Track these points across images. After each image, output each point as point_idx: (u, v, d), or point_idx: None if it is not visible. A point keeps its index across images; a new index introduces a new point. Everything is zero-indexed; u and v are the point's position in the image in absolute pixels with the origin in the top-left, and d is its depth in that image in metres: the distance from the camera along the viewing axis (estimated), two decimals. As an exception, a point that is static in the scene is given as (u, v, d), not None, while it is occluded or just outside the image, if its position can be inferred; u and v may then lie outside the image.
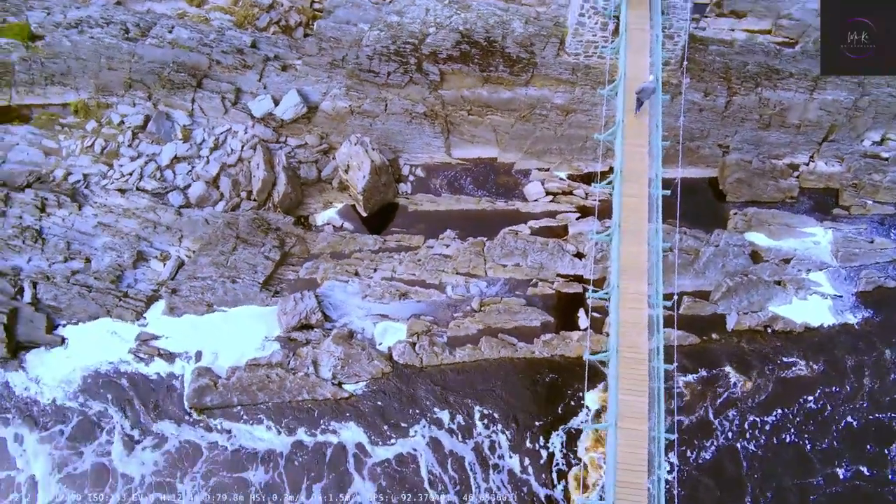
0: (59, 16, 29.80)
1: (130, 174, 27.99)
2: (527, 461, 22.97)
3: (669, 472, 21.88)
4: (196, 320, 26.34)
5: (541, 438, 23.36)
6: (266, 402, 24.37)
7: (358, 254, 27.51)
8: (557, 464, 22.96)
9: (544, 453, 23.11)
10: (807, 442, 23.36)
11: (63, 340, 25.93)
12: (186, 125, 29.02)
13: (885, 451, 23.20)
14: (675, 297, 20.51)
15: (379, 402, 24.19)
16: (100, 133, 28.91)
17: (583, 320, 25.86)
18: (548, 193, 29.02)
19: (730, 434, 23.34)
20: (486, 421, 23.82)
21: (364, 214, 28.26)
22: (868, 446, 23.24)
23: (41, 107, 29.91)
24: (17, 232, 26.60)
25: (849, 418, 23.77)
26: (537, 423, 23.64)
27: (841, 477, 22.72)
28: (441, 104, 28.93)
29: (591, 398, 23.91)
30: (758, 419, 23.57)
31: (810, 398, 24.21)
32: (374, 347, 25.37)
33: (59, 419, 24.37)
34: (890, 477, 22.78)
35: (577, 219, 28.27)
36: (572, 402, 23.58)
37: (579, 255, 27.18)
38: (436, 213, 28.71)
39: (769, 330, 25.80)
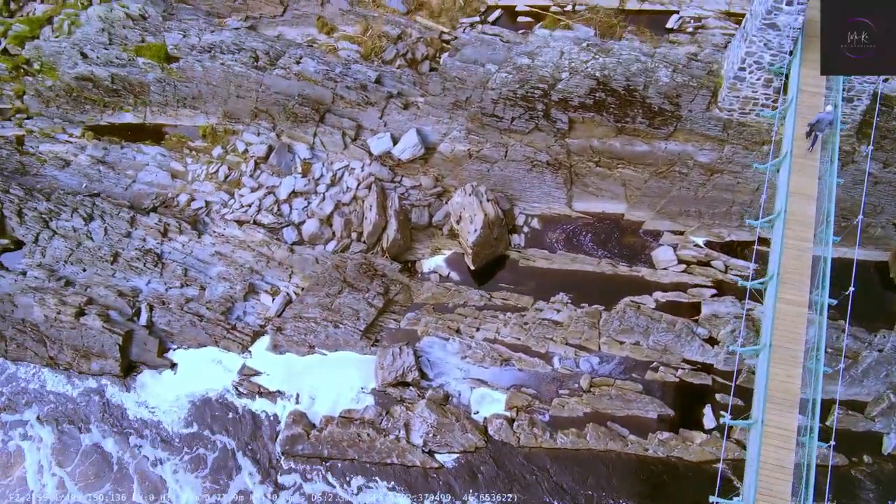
0: (195, 38, 30.46)
1: (250, 206, 28.14)
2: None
3: None
4: (296, 360, 26.12)
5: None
6: (355, 459, 23.63)
7: (461, 309, 25.98)
8: None
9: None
10: None
11: (173, 365, 26.65)
12: (306, 159, 28.73)
13: None
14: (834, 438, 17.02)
15: (498, 494, 22.41)
16: (225, 160, 29.32)
17: (708, 419, 22.80)
18: (680, 262, 25.89)
19: None
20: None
21: (472, 268, 26.63)
22: None
23: (172, 127, 30.93)
24: (139, 254, 27.55)
25: None
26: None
27: None
28: (566, 153, 26.58)
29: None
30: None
31: None
32: (469, 417, 23.82)
33: (190, 448, 24.97)
34: None
35: (713, 296, 24.98)
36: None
37: (711, 341, 23.98)
38: (549, 272, 26.52)
39: (939, 460, 21.47)
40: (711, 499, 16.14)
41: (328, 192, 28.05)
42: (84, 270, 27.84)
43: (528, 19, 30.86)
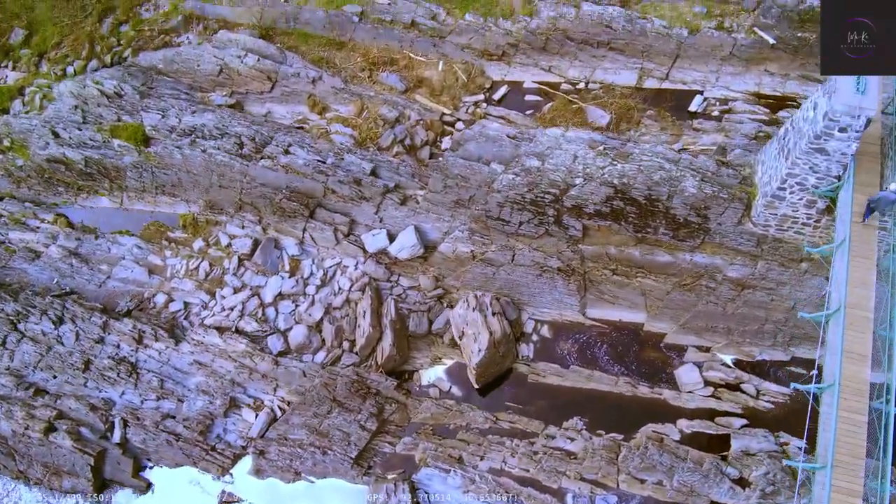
0: (174, 119, 28.06)
1: (232, 309, 25.74)
2: None
3: None
4: (281, 486, 23.79)
5: None
6: None
7: (464, 433, 23.51)
8: None
9: None
10: None
11: (149, 486, 24.50)
12: (295, 255, 26.31)
13: None
14: None
15: None
16: (206, 255, 26.93)
17: (740, 579, 20.32)
18: (707, 384, 23.35)
19: None
20: None
21: (476, 386, 24.17)
22: None
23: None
24: (112, 364, 25.21)
25: None
26: None
27: None
28: (580, 259, 24.08)
29: None
30: None
31: None
32: (473, 569, 21.39)
33: None
34: None
35: (743, 427, 22.44)
36: None
37: (742, 482, 21.42)
38: (561, 390, 24.02)
39: None
40: None
41: (318, 295, 25.63)
42: (55, 377, 25.52)
43: (537, 98, 28.34)
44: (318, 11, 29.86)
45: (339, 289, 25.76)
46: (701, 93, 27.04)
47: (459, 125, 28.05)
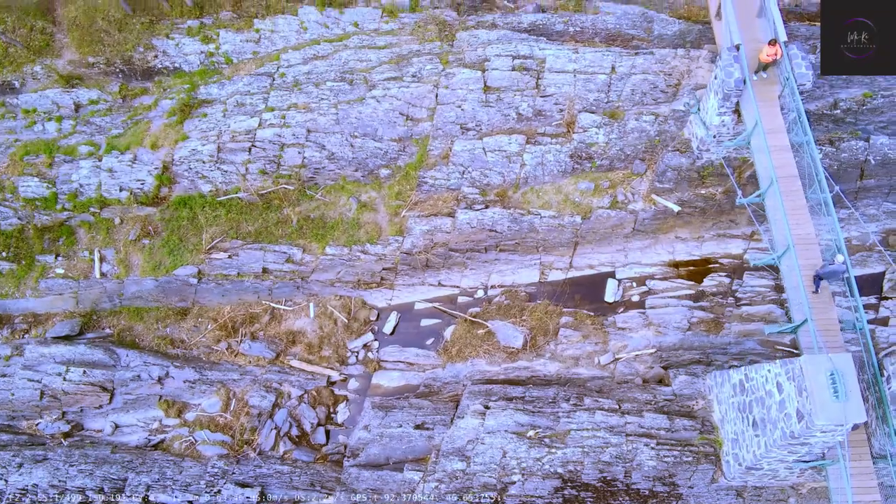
0: (-1, 482, 21.73)
1: None
2: None
3: None
4: None
5: None
6: None
7: None
8: None
9: None
10: None
11: None
12: None
13: None
14: None
15: None
16: None
17: None
18: None
19: None
20: None
21: None
22: None
23: None
24: None
25: None
26: None
27: None
28: (542, 541, 19.68)
29: None
30: None
31: None
32: None
33: None
34: None
35: None
36: None
37: None
38: None
39: None
40: None
41: None
42: None
43: (435, 320, 23.94)
44: (145, 281, 24.27)
45: None
46: (613, 275, 23.45)
47: (352, 383, 23.24)
